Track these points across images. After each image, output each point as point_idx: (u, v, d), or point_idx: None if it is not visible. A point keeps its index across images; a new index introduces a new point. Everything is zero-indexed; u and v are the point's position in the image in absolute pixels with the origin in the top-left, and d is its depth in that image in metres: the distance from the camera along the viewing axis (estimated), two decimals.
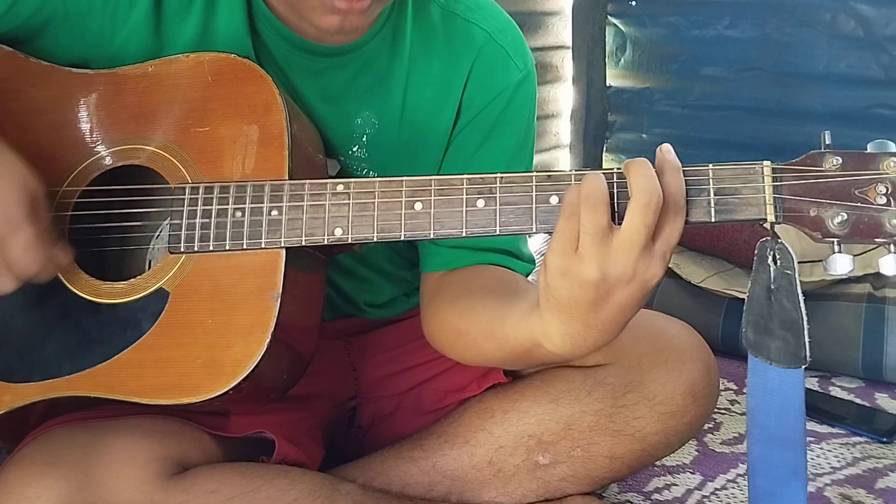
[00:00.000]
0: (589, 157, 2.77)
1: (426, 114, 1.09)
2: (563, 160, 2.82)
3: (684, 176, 0.81)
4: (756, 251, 0.83)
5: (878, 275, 1.69)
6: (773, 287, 0.82)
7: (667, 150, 0.81)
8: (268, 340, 0.89)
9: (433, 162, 1.12)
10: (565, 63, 2.75)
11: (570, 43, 2.74)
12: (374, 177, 1.09)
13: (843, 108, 2.27)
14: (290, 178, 0.93)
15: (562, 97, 2.77)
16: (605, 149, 2.77)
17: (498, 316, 0.94)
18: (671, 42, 2.54)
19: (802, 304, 0.81)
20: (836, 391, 1.67)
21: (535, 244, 2.56)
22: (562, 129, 2.80)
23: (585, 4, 2.68)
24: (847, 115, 2.26)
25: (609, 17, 2.67)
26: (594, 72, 2.71)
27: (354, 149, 1.09)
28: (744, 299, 1.85)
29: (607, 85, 2.72)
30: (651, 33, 2.59)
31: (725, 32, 2.44)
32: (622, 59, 2.67)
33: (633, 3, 2.60)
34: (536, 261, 1.13)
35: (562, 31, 2.72)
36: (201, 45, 1.02)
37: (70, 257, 0.92)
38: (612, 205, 0.79)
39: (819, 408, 1.54)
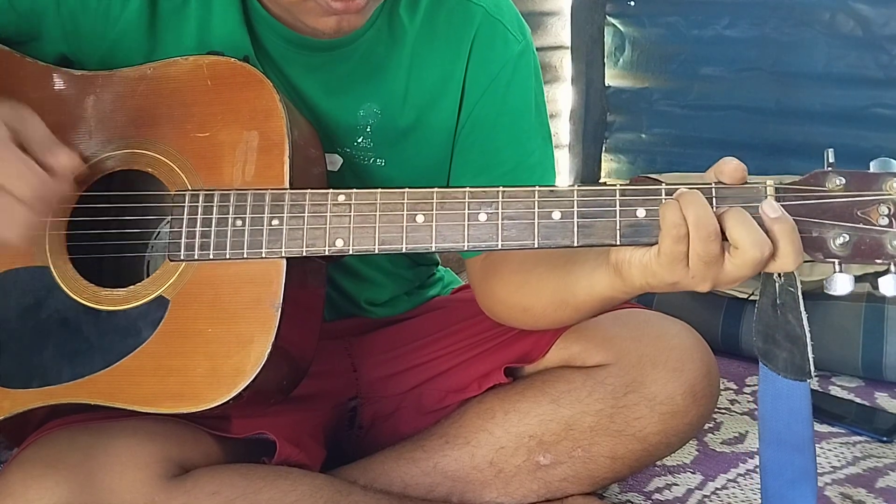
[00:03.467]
0: (588, 158, 2.77)
1: (430, 97, 1.09)
2: (562, 160, 2.82)
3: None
4: None
5: (878, 274, 1.69)
6: (778, 302, 0.83)
7: (771, 210, 0.80)
8: (268, 351, 0.89)
9: (442, 145, 1.12)
10: (564, 63, 2.75)
11: (568, 43, 2.73)
12: (381, 165, 1.10)
13: (842, 107, 2.27)
14: (291, 186, 0.92)
15: (561, 97, 2.77)
16: (603, 149, 2.77)
17: (563, 285, 0.98)
18: (670, 42, 2.54)
19: (805, 322, 0.81)
20: (836, 390, 1.67)
21: None
22: (561, 130, 2.80)
23: (584, 5, 2.68)
24: (846, 114, 2.25)
25: (608, 17, 2.66)
26: (593, 72, 2.71)
27: (360, 139, 1.09)
28: (744, 299, 1.85)
29: (606, 85, 2.72)
30: (650, 33, 2.59)
31: (724, 32, 2.43)
32: (621, 60, 2.67)
33: (632, 3, 2.60)
34: None
35: (560, 31, 2.72)
36: (198, 44, 1.02)
37: (77, 158, 0.86)
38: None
39: (819, 407, 1.54)
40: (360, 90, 1.08)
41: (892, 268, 0.78)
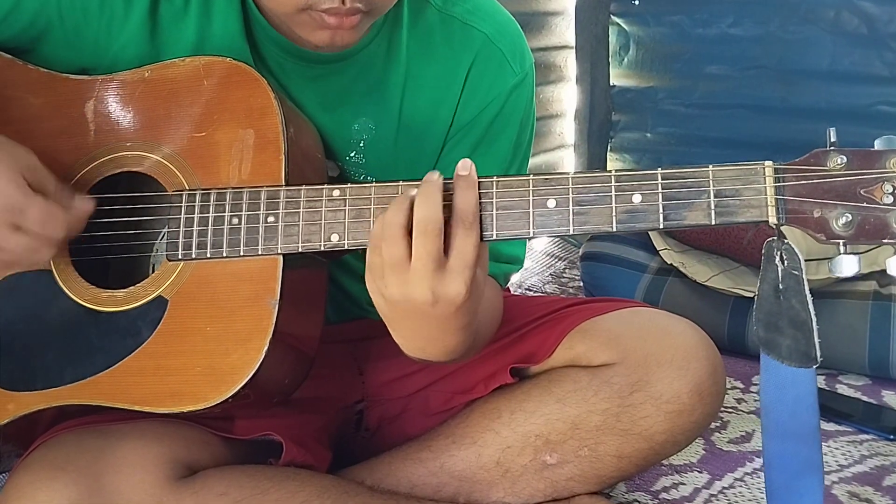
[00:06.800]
0: (593, 157, 2.76)
1: (423, 118, 1.09)
2: (567, 160, 2.82)
3: (684, 178, 0.80)
4: (763, 250, 0.81)
5: (884, 272, 1.69)
6: (781, 287, 0.80)
7: (462, 167, 0.83)
8: (266, 347, 0.89)
9: (430, 166, 1.12)
10: (569, 63, 2.75)
11: (573, 43, 2.73)
12: (372, 182, 1.10)
13: (847, 105, 2.27)
14: (287, 183, 0.92)
15: (566, 97, 2.77)
16: (609, 148, 2.77)
17: None
18: (675, 41, 2.54)
19: (811, 305, 0.79)
20: (842, 389, 1.67)
21: (541, 242, 2.56)
22: (566, 129, 2.80)
23: (589, 4, 2.68)
24: (851, 112, 2.25)
25: (612, 16, 2.66)
26: (598, 71, 2.71)
27: (352, 154, 1.09)
28: (750, 298, 1.85)
29: (611, 84, 2.71)
30: (654, 32, 2.59)
31: (729, 31, 2.43)
32: (626, 59, 2.67)
33: (637, 2, 2.59)
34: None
35: (565, 30, 2.72)
36: (198, 52, 1.01)
37: (91, 204, 0.92)
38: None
39: (826, 406, 1.54)
40: (355, 105, 1.08)
41: None
